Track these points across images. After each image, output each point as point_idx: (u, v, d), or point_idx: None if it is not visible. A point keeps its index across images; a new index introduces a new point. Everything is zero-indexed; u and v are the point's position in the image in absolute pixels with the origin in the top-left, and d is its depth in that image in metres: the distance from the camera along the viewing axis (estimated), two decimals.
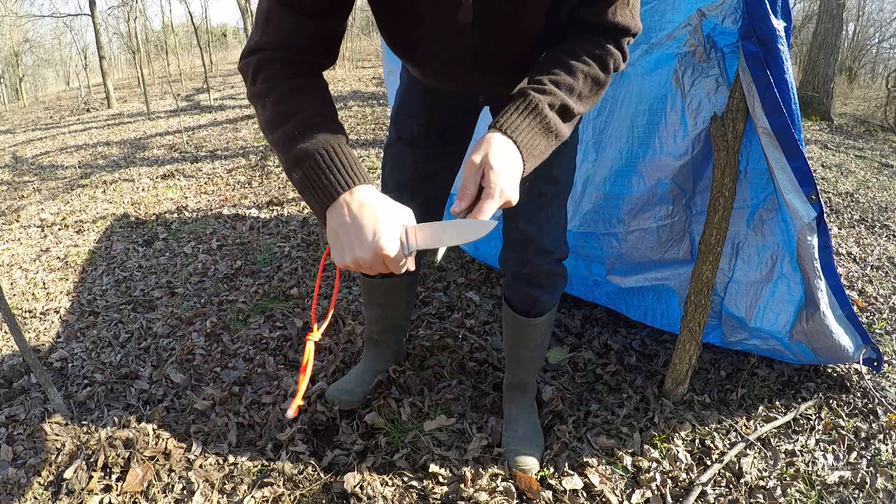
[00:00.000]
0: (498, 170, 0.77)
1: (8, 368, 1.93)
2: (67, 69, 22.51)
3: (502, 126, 0.81)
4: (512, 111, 0.82)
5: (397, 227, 0.73)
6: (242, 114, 7.69)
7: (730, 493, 1.37)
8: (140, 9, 14.17)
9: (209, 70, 14.09)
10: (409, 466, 1.45)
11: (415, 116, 1.30)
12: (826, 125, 7.35)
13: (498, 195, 0.77)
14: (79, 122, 8.95)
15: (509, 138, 0.80)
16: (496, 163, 0.77)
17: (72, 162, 5.62)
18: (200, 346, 2.03)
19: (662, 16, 1.50)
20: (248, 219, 3.44)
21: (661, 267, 1.83)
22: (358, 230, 0.72)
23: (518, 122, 0.81)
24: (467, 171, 0.78)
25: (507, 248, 1.36)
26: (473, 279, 2.45)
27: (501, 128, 0.80)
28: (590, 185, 1.84)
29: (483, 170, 0.78)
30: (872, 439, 1.56)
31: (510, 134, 0.80)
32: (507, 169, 0.78)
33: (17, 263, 2.99)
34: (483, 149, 0.78)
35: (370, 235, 0.71)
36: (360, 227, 0.72)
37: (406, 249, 0.74)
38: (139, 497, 1.38)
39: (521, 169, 0.81)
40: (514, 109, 0.82)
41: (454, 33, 0.92)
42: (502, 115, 0.82)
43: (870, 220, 3.44)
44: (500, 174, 0.77)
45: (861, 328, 1.61)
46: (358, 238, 0.72)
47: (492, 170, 0.77)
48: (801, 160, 1.33)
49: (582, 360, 1.88)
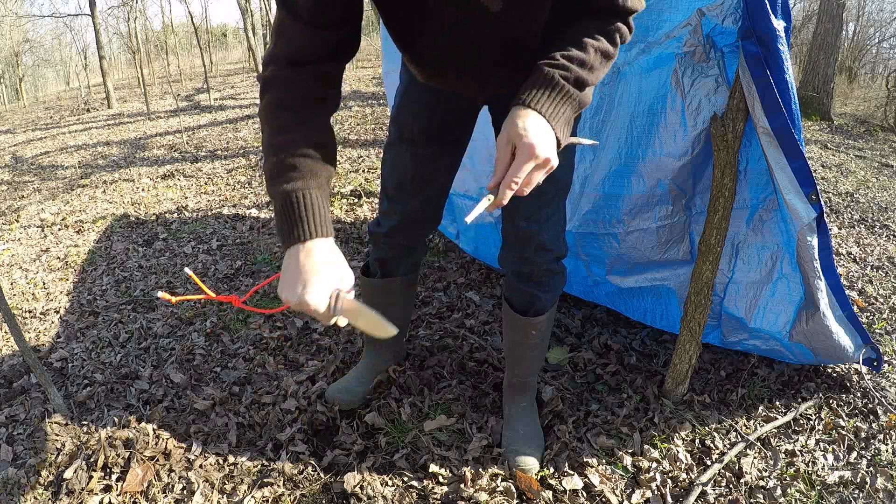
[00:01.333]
0: (525, 132, 0.79)
1: (8, 368, 1.93)
2: (67, 69, 22.52)
3: (524, 101, 0.83)
4: (529, 87, 0.84)
5: (328, 289, 0.79)
6: (242, 114, 7.69)
7: (730, 493, 1.37)
8: (140, 9, 14.18)
9: (209, 70, 14.10)
10: (409, 466, 1.45)
11: (415, 116, 1.30)
12: (826, 125, 7.35)
13: (528, 153, 0.79)
14: (79, 122, 8.95)
15: (532, 109, 0.82)
16: (523, 127, 0.79)
17: (72, 162, 5.63)
18: (200, 346, 2.04)
19: (660, 14, 1.50)
20: (248, 219, 3.44)
21: (661, 267, 1.83)
22: (294, 277, 0.80)
23: (538, 95, 0.83)
24: (498, 147, 0.82)
25: (507, 247, 1.37)
26: (473, 279, 2.45)
27: (525, 103, 0.83)
28: (588, 185, 1.83)
29: (512, 141, 0.80)
30: (872, 439, 1.56)
31: (533, 106, 0.82)
32: (536, 131, 0.80)
33: (17, 263, 2.99)
34: (509, 124, 0.81)
35: (300, 287, 0.78)
36: (296, 276, 0.80)
37: (333, 311, 0.80)
38: (139, 497, 1.38)
39: (552, 134, 0.83)
40: (532, 84, 0.84)
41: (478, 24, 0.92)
42: (521, 92, 0.84)
43: (870, 220, 3.44)
44: (529, 134, 0.79)
45: (861, 328, 1.61)
46: (292, 284, 0.79)
47: (520, 135, 0.79)
48: (802, 160, 1.33)
49: (582, 360, 1.88)
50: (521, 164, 0.80)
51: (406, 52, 1.11)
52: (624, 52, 1.63)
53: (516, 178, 0.80)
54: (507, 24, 0.94)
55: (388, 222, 1.43)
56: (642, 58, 1.60)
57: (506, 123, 0.83)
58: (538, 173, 0.82)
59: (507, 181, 0.80)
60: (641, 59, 1.61)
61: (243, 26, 5.01)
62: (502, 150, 0.82)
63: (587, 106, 0.90)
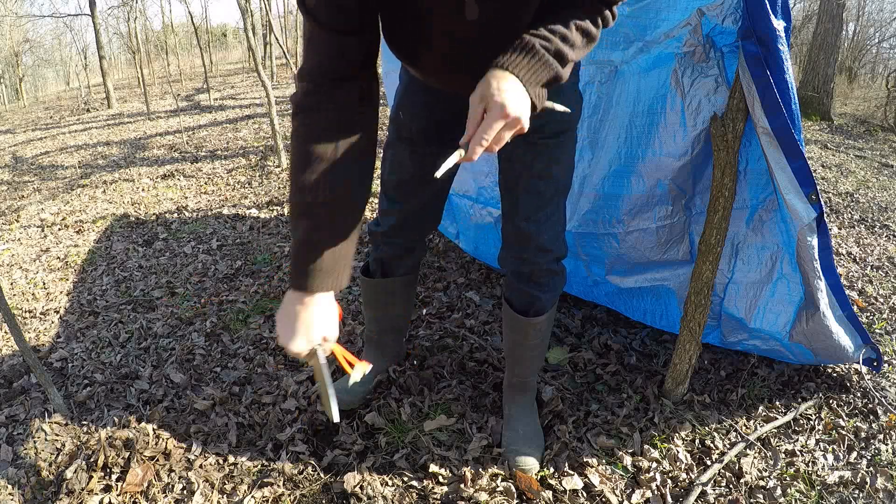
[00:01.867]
0: (497, 92, 0.80)
1: (8, 368, 1.93)
2: (67, 69, 22.51)
3: (501, 64, 0.83)
4: (508, 52, 0.85)
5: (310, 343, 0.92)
6: (242, 114, 7.69)
7: (730, 493, 1.37)
8: (140, 9, 14.15)
9: (209, 70, 14.09)
10: (409, 466, 1.45)
11: (414, 116, 1.30)
12: (826, 125, 7.35)
13: (499, 112, 0.79)
14: (79, 122, 8.95)
15: (508, 72, 0.82)
16: (496, 87, 0.80)
17: (72, 162, 5.63)
18: (200, 346, 2.04)
19: (658, 13, 1.50)
20: (248, 219, 3.44)
21: (661, 267, 1.83)
22: (286, 322, 0.92)
23: (516, 59, 0.83)
24: (471, 105, 0.83)
25: (507, 247, 1.37)
26: (473, 279, 2.45)
27: (500, 66, 0.83)
28: (587, 184, 1.83)
29: (485, 99, 0.81)
30: (872, 439, 1.56)
31: (510, 68, 0.83)
32: (509, 91, 0.80)
33: (17, 263, 2.99)
34: (483, 84, 0.82)
35: (289, 333, 0.91)
36: (288, 321, 0.91)
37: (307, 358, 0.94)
38: (139, 497, 1.38)
39: (526, 97, 0.83)
40: (511, 49, 0.85)
41: (460, 31, 0.93)
42: (499, 57, 0.85)
43: (870, 220, 3.44)
44: (501, 94, 0.80)
45: (861, 328, 1.61)
46: (283, 326, 0.92)
47: (492, 94, 0.80)
48: (802, 160, 1.33)
49: (582, 360, 1.88)
50: (492, 121, 0.80)
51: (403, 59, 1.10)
52: (622, 51, 1.63)
53: (486, 135, 0.80)
54: (491, 30, 0.93)
55: (388, 222, 1.43)
56: (641, 57, 1.60)
57: (480, 83, 0.83)
58: (508, 132, 0.82)
59: (476, 138, 0.81)
60: (640, 59, 1.61)
61: (243, 26, 5.01)
62: (475, 107, 0.82)
63: (564, 80, 0.90)
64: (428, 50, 1.01)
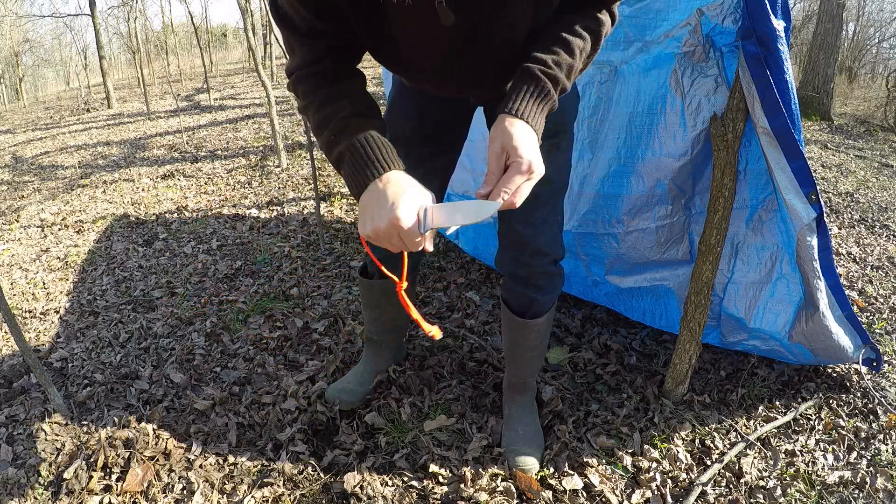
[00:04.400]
0: (519, 146, 0.82)
1: (8, 368, 1.93)
2: (67, 69, 22.51)
3: (518, 112, 0.85)
4: (524, 95, 0.86)
5: (415, 204, 0.80)
6: (242, 114, 7.69)
7: (730, 493, 1.37)
8: (140, 9, 14.16)
9: (209, 70, 14.10)
10: (409, 466, 1.45)
11: (407, 118, 1.29)
12: (826, 125, 7.35)
13: (524, 168, 0.82)
14: (79, 122, 8.95)
15: (526, 122, 0.84)
16: (520, 144, 0.82)
17: (72, 162, 5.63)
18: (200, 346, 2.04)
19: (658, 13, 1.50)
20: (248, 219, 3.44)
21: (660, 267, 1.83)
22: (379, 201, 0.80)
23: (532, 108, 0.86)
24: (492, 157, 0.84)
25: (504, 250, 1.36)
26: (473, 279, 2.45)
27: (517, 113, 0.85)
28: (587, 185, 1.83)
29: (507, 153, 0.83)
30: (872, 439, 1.56)
31: (527, 119, 0.85)
32: (529, 145, 0.83)
33: (17, 263, 2.99)
34: (504, 135, 0.83)
35: (388, 206, 0.79)
36: (381, 199, 0.80)
37: (422, 227, 0.80)
38: (139, 497, 1.38)
39: (537, 143, 0.86)
40: (527, 93, 0.86)
41: (438, 38, 0.91)
42: (515, 98, 0.86)
43: (870, 220, 3.44)
44: (524, 150, 0.82)
45: (861, 328, 1.61)
46: (378, 207, 0.80)
47: (515, 148, 0.82)
48: (801, 160, 1.33)
49: (582, 360, 1.88)
50: (515, 175, 0.81)
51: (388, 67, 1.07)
52: (621, 51, 1.63)
53: (507, 188, 0.81)
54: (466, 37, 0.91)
55: None
56: (640, 57, 1.60)
57: (497, 132, 0.84)
58: (528, 186, 0.84)
59: (498, 191, 0.82)
60: (640, 59, 1.61)
61: (243, 26, 5.01)
62: (495, 160, 0.84)
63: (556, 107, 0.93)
64: (410, 58, 0.99)
